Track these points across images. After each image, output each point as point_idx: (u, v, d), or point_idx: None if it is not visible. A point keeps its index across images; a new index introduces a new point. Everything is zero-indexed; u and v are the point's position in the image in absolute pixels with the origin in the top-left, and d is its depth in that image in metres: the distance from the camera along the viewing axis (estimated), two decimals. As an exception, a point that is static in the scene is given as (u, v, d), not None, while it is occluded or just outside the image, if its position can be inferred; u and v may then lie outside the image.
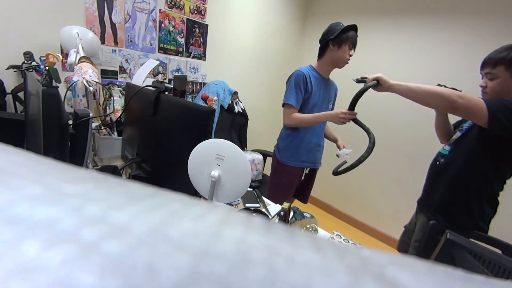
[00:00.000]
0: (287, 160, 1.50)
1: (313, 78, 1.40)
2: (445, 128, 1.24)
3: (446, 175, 1.10)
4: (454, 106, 0.92)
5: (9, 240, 0.07)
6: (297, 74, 1.37)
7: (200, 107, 0.79)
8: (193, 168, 0.75)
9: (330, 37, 1.33)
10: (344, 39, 1.31)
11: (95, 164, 1.19)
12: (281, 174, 1.54)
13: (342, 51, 1.33)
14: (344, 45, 1.32)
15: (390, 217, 2.37)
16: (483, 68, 1.01)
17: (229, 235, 0.09)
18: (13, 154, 0.12)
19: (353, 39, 1.33)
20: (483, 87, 1.02)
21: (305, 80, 1.36)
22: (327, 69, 1.44)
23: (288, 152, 1.50)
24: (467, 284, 0.09)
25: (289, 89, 1.39)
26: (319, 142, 1.52)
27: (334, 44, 1.33)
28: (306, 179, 1.62)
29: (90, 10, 1.51)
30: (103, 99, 1.25)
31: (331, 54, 1.36)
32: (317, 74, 1.43)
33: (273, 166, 1.61)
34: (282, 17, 2.67)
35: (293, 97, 1.36)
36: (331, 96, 1.53)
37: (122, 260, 0.07)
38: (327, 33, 1.36)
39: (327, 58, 1.39)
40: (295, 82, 1.36)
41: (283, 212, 0.99)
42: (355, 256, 0.09)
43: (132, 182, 0.12)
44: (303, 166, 1.53)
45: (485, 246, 0.63)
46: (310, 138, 1.46)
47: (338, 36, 1.31)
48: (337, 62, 1.38)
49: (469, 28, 1.90)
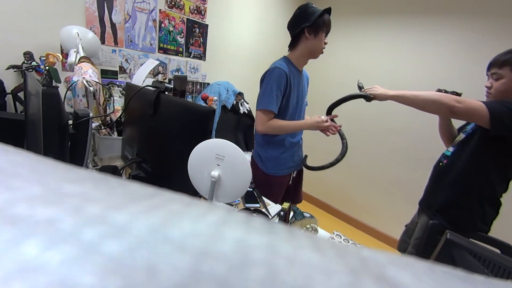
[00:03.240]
0: (274, 171, 1.32)
1: (292, 75, 1.21)
2: (449, 131, 1.24)
3: (448, 176, 1.10)
4: (452, 111, 0.94)
5: (9, 240, 0.07)
6: (279, 73, 1.16)
7: (200, 107, 0.79)
8: (193, 168, 0.75)
9: (306, 24, 1.13)
10: (321, 24, 1.13)
11: (95, 164, 1.19)
12: (270, 185, 1.33)
13: (319, 39, 1.16)
14: (320, 32, 1.15)
15: (390, 217, 2.37)
16: (489, 69, 1.02)
17: (229, 235, 0.09)
18: (13, 154, 0.12)
19: (329, 25, 1.16)
20: (488, 87, 1.02)
21: (286, 81, 1.18)
22: (303, 61, 1.26)
23: (273, 161, 1.31)
24: (467, 284, 0.09)
25: (268, 91, 1.17)
26: (298, 139, 1.37)
27: (311, 32, 1.15)
28: (294, 182, 1.48)
29: (90, 10, 1.51)
30: (103, 99, 1.25)
31: (307, 43, 1.18)
32: (294, 69, 1.24)
33: (258, 178, 1.33)
34: (282, 17, 2.67)
35: (273, 102, 1.17)
36: (305, 89, 1.37)
37: (122, 260, 0.07)
38: (299, 18, 1.15)
39: (302, 48, 1.20)
40: (277, 83, 1.16)
41: (283, 212, 0.99)
42: (355, 256, 0.09)
43: (132, 182, 0.12)
44: (290, 172, 1.39)
45: (485, 246, 0.63)
46: (289, 138, 1.31)
47: (314, 22, 1.12)
48: (314, 52, 1.21)
49: (470, 28, 1.90)
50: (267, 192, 1.29)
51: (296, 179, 1.48)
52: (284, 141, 1.30)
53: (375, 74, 2.36)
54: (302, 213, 1.05)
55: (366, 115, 2.42)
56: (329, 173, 1.81)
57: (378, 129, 2.40)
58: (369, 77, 2.29)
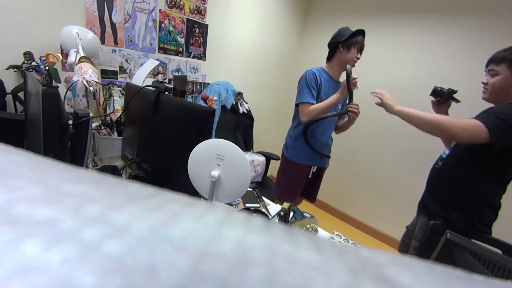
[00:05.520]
0: (295, 158, 1.54)
1: (323, 79, 1.45)
2: None
3: (444, 178, 1.11)
4: (457, 138, 0.98)
5: (9, 240, 0.07)
6: (309, 73, 1.43)
7: (200, 107, 0.79)
8: (193, 168, 0.75)
9: (340, 39, 1.40)
10: (353, 42, 1.38)
11: (95, 164, 1.19)
12: (288, 171, 1.59)
13: (351, 53, 1.40)
14: (353, 48, 1.39)
15: (390, 217, 2.37)
16: (487, 65, 1.04)
17: (229, 235, 0.09)
18: (13, 154, 0.12)
19: (361, 43, 1.40)
20: (484, 83, 1.04)
21: (316, 79, 1.42)
22: (337, 71, 1.49)
23: (296, 150, 1.53)
24: (467, 284, 0.09)
25: (300, 88, 1.44)
26: (327, 141, 1.55)
27: (344, 46, 1.40)
28: (314, 177, 1.64)
29: (90, 10, 1.51)
30: (103, 99, 1.25)
31: (341, 56, 1.43)
32: (327, 75, 1.48)
33: (281, 163, 1.65)
34: (282, 17, 2.67)
35: (308, 95, 1.41)
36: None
37: (122, 260, 0.07)
38: (336, 36, 1.43)
39: (336, 60, 1.45)
40: (308, 81, 1.41)
41: (283, 212, 0.99)
42: (355, 256, 0.09)
43: (132, 182, 0.12)
44: (311, 164, 1.56)
45: (485, 247, 0.63)
46: (318, 137, 1.49)
47: (347, 39, 1.38)
48: (346, 64, 1.41)
49: (469, 28, 1.90)
50: (285, 177, 1.61)
51: (315, 175, 1.65)
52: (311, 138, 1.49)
53: (374, 74, 2.36)
54: (302, 213, 1.05)
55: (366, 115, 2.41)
56: (329, 173, 1.81)
57: (378, 129, 2.39)
58: (368, 77, 2.29)
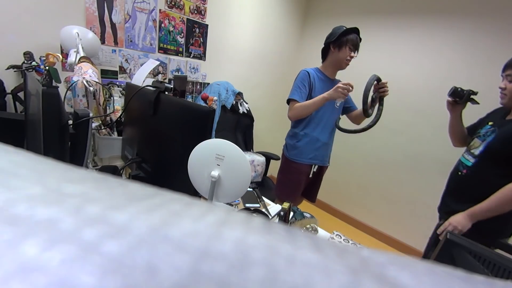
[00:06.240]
0: (295, 157, 1.54)
1: (317, 79, 1.46)
2: (460, 131, 1.25)
3: (472, 188, 1.08)
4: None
5: (9, 240, 0.07)
6: (302, 72, 1.46)
7: (200, 107, 0.79)
8: (193, 168, 0.75)
9: (331, 39, 1.40)
10: (344, 41, 1.37)
11: (95, 164, 1.19)
12: (289, 171, 1.58)
13: (342, 53, 1.39)
14: (344, 47, 1.37)
15: (390, 217, 2.37)
16: (504, 70, 1.03)
17: (229, 235, 0.09)
18: (13, 154, 0.12)
19: (353, 41, 1.37)
20: (502, 88, 1.03)
21: (309, 78, 1.43)
22: (331, 71, 1.50)
23: (296, 149, 1.54)
24: (467, 284, 0.09)
25: (294, 87, 1.46)
26: (326, 140, 1.55)
27: (335, 46, 1.40)
28: (314, 177, 1.64)
29: (90, 10, 1.51)
30: (103, 99, 1.25)
31: (332, 56, 1.43)
32: (322, 75, 1.49)
33: (282, 163, 1.66)
34: (282, 17, 2.67)
35: (296, 93, 1.42)
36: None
37: (122, 260, 0.07)
38: (329, 36, 1.43)
39: (329, 60, 1.46)
40: (300, 80, 1.44)
41: (283, 212, 0.99)
42: (355, 256, 0.09)
43: (132, 182, 0.12)
44: (311, 163, 1.56)
45: (485, 247, 0.63)
46: (317, 137, 1.50)
47: (338, 38, 1.37)
48: (339, 64, 1.44)
49: (470, 28, 1.90)
50: (286, 177, 1.61)
51: (316, 175, 1.65)
52: (311, 137, 1.50)
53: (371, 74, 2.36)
54: (302, 213, 1.05)
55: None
56: (329, 173, 1.81)
57: (378, 129, 2.39)
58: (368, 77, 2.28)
